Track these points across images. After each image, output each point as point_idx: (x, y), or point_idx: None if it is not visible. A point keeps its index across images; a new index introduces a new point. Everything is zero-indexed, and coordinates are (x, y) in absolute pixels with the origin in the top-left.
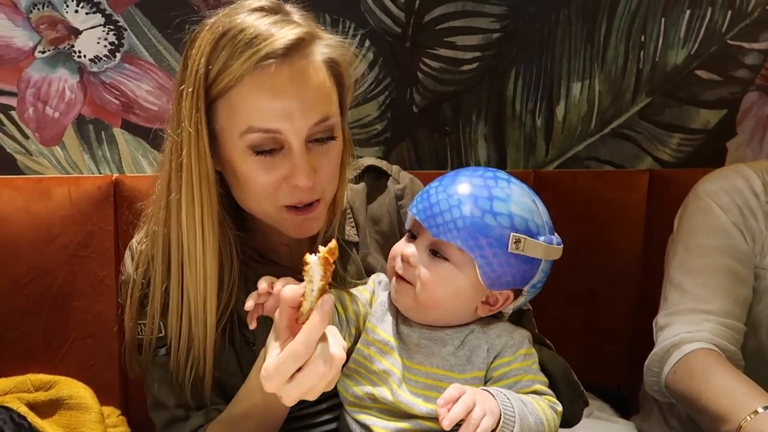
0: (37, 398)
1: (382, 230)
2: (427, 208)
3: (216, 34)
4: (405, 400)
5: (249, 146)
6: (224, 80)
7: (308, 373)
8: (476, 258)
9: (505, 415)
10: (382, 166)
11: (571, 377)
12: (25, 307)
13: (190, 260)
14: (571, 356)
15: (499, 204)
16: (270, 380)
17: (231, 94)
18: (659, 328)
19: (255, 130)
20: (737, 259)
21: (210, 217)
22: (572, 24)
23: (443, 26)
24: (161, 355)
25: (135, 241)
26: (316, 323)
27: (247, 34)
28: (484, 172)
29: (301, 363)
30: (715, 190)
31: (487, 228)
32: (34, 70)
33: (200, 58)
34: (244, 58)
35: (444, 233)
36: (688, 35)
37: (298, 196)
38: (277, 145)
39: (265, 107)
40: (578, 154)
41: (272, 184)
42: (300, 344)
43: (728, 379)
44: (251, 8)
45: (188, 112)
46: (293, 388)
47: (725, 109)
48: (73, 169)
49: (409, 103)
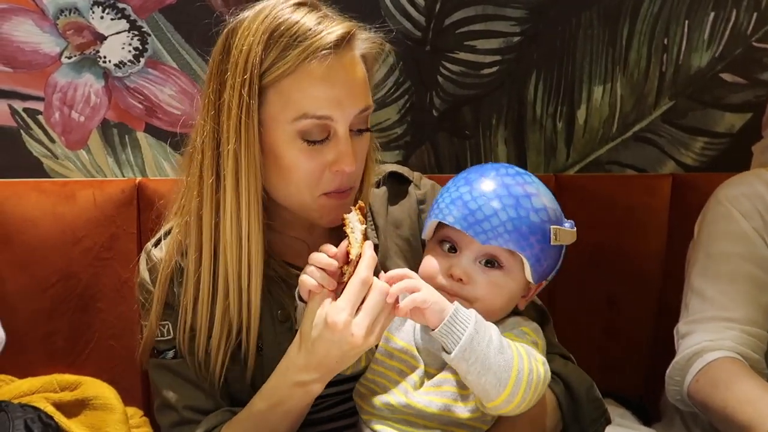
0: (63, 398)
1: (403, 234)
2: (468, 215)
3: (268, 26)
4: (420, 400)
5: (299, 132)
6: (279, 69)
7: (375, 295)
8: (527, 257)
9: (456, 312)
10: (404, 172)
11: (595, 395)
12: (50, 309)
13: (231, 248)
14: (592, 363)
15: (536, 200)
16: (341, 312)
17: (284, 83)
18: (681, 336)
19: (308, 116)
20: (759, 265)
21: (255, 204)
22: (593, 27)
23: (463, 30)
24: (169, 358)
25: (150, 244)
26: (370, 256)
27: (301, 28)
28: (507, 170)
29: (367, 288)
30: (736, 196)
31: (534, 225)
32: (61, 75)
33: (254, 47)
34: (300, 49)
35: (494, 238)
36: (712, 37)
37: (338, 182)
38: (325, 133)
39: (318, 94)
40: (600, 158)
41: (317, 170)
42: (364, 269)
43: (753, 387)
44: (294, 3)
45: (238, 100)
46: (362, 318)
47: (750, 113)
48: (97, 173)
49: (429, 107)
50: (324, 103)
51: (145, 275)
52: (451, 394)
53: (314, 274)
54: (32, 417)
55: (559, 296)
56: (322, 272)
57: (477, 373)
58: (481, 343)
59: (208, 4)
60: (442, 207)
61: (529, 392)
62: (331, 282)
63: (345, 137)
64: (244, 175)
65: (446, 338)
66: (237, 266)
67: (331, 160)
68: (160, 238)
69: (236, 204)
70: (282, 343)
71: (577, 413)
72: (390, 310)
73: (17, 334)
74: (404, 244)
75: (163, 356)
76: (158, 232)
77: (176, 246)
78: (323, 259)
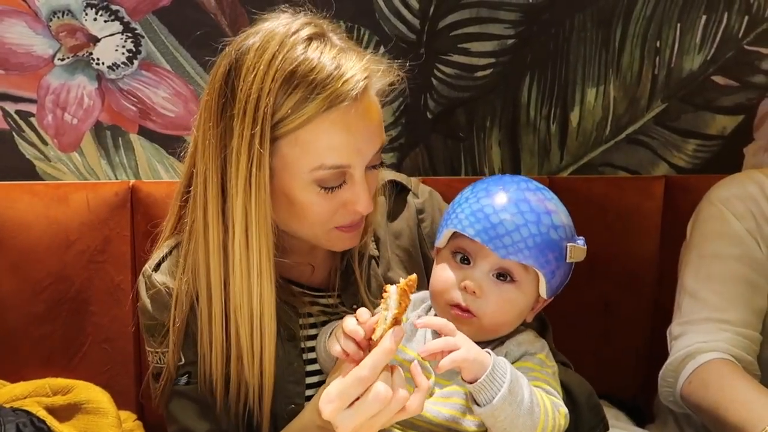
0: (55, 402)
1: (402, 245)
2: (490, 228)
3: (281, 72)
4: (429, 409)
5: (316, 181)
6: (296, 121)
7: (370, 399)
8: (544, 273)
9: (494, 370)
10: (402, 180)
11: (595, 401)
12: (43, 312)
13: (242, 308)
14: (586, 365)
15: (555, 217)
16: (330, 404)
17: (300, 133)
18: (673, 338)
19: (326, 167)
20: (752, 267)
21: (267, 261)
22: (587, 30)
23: (457, 32)
24: (183, 384)
25: (150, 267)
26: (386, 348)
27: (319, 75)
28: (528, 184)
29: (365, 388)
30: (728, 197)
31: (552, 243)
32: (54, 77)
33: (265, 97)
34: (320, 99)
35: (514, 254)
36: (704, 41)
37: (351, 218)
38: (342, 179)
39: (338, 145)
40: (593, 161)
41: (332, 210)
42: (366, 368)
43: (746, 389)
44: (303, 39)
45: (248, 152)
46: (350, 416)
47: (742, 115)
48: (90, 175)
49: (423, 110)
50: (343, 153)
51: (147, 302)
52: (459, 406)
53: (341, 339)
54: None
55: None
56: (347, 340)
57: (503, 429)
58: (512, 404)
59: (202, 6)
60: (461, 218)
61: None
62: (356, 352)
63: (361, 181)
64: (254, 233)
65: (479, 394)
66: (249, 330)
67: (347, 201)
68: (160, 261)
69: (246, 264)
70: (291, 363)
71: (577, 420)
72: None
73: (10, 337)
74: (404, 254)
75: (176, 382)
76: (155, 251)
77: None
78: (350, 326)
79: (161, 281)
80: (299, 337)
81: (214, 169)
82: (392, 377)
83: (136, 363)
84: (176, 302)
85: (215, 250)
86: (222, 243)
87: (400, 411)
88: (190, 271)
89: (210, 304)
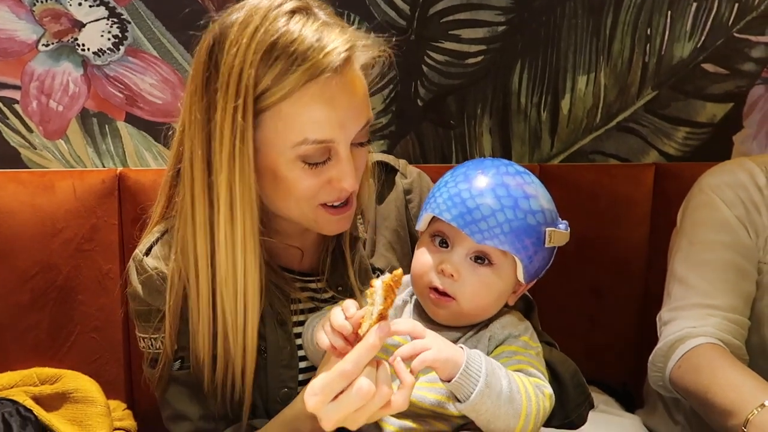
0: (42, 391)
1: (390, 226)
2: (466, 213)
3: (262, 44)
4: (414, 394)
5: (299, 156)
6: (277, 93)
7: (352, 394)
8: (521, 258)
9: (468, 366)
10: (390, 161)
11: (579, 380)
12: (30, 301)
13: (227, 283)
14: (576, 351)
15: (534, 202)
16: (314, 396)
17: (282, 106)
18: (663, 323)
19: (309, 141)
20: (741, 254)
21: (252, 237)
22: (578, 17)
23: (448, 19)
24: (176, 369)
25: (141, 252)
26: (369, 344)
27: (300, 46)
28: (507, 168)
29: (348, 382)
30: (719, 185)
31: (530, 228)
32: (38, 64)
33: (247, 69)
34: (301, 71)
35: (489, 239)
36: (694, 28)
37: (337, 195)
38: (326, 155)
39: (320, 119)
40: (583, 148)
41: (317, 186)
42: (350, 363)
43: (734, 373)
44: (285, 12)
45: (231, 125)
46: (333, 410)
47: (731, 103)
48: (77, 163)
49: (413, 97)
50: (326, 127)
51: (138, 287)
52: (445, 391)
53: (329, 333)
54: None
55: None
56: (333, 334)
57: (486, 421)
58: (491, 396)
59: None
60: (439, 202)
61: (536, 428)
62: (344, 347)
63: (347, 157)
64: (239, 207)
65: (457, 391)
66: (234, 305)
67: (332, 178)
68: (151, 246)
69: (231, 239)
70: (284, 347)
71: (562, 398)
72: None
73: None
74: (392, 235)
75: (171, 367)
76: (145, 236)
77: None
78: (337, 321)
79: (153, 266)
80: (290, 321)
81: (199, 144)
82: (377, 373)
83: (126, 352)
84: (170, 286)
85: (201, 226)
86: (208, 219)
87: (385, 407)
88: (180, 250)
89: (197, 281)
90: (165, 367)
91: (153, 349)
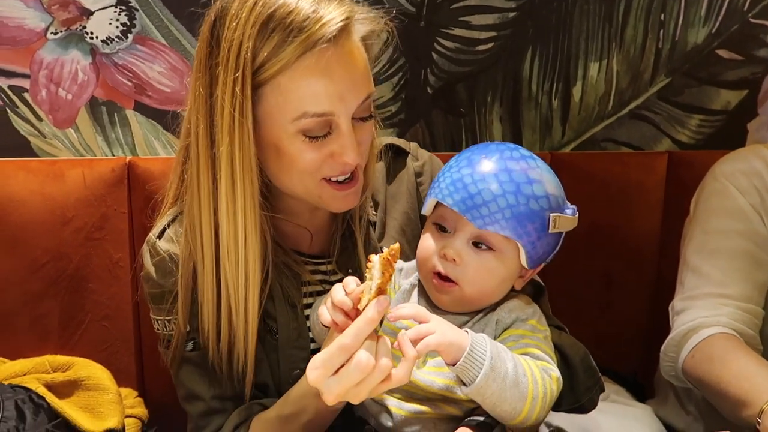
0: (55, 379)
1: (401, 209)
2: (467, 198)
3: (260, 16)
4: (423, 379)
5: (300, 130)
6: (275, 65)
7: (352, 367)
8: (523, 244)
9: (473, 349)
10: (401, 144)
11: (589, 363)
12: (41, 290)
13: (229, 254)
14: (588, 340)
15: (537, 187)
16: (315, 370)
17: (281, 79)
18: (676, 313)
19: (309, 115)
20: (756, 242)
21: (252, 209)
22: (590, 2)
23: (458, 5)
24: (189, 350)
25: (154, 235)
26: (368, 318)
27: (296, 18)
28: (512, 153)
29: (348, 356)
30: (733, 172)
31: (533, 213)
32: (47, 52)
33: (245, 42)
34: (297, 43)
35: (490, 224)
36: (709, 13)
37: (340, 169)
38: (327, 128)
39: (319, 91)
40: (595, 136)
41: (319, 160)
42: (349, 336)
43: (749, 363)
44: None
45: (231, 98)
46: (335, 383)
47: (746, 90)
48: (86, 152)
49: (423, 84)
50: (325, 100)
51: (151, 269)
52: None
53: (330, 309)
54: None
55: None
56: (334, 309)
57: (492, 405)
58: (497, 380)
59: None
60: (442, 187)
61: (543, 411)
62: (344, 322)
63: (348, 130)
64: (239, 178)
65: (462, 375)
66: (236, 276)
67: (334, 151)
68: (164, 228)
69: (233, 210)
70: (294, 329)
71: (573, 382)
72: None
73: (8, 316)
74: (403, 218)
75: (183, 348)
76: (158, 219)
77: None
78: (338, 296)
79: (165, 248)
80: (301, 303)
81: (203, 118)
82: (377, 346)
83: (136, 340)
84: (182, 263)
85: (206, 199)
86: (212, 192)
87: (386, 380)
88: (188, 225)
89: (203, 254)
90: (178, 348)
91: (167, 330)
